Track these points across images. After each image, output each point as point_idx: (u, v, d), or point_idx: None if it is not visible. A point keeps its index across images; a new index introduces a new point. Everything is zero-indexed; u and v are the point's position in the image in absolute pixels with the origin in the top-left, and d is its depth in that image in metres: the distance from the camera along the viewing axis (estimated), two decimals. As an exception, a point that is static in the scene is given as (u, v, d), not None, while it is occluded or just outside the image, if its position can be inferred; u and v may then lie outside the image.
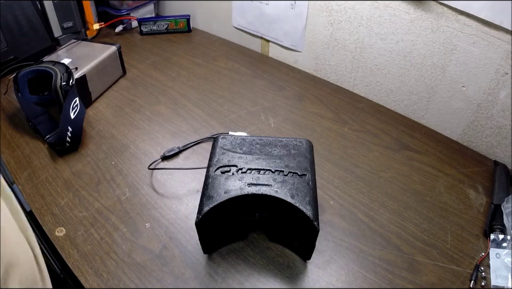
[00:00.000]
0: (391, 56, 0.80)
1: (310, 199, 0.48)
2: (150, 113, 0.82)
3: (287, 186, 0.49)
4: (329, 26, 0.87)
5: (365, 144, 0.75)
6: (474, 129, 0.75)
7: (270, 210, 0.51)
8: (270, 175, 0.50)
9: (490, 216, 0.61)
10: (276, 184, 0.49)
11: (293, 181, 0.49)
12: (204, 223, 0.48)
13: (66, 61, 0.82)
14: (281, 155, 0.53)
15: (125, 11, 1.13)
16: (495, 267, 0.54)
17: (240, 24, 1.06)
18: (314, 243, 0.51)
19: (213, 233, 0.53)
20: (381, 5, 0.76)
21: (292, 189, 0.48)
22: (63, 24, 1.01)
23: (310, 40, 0.93)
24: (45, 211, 0.61)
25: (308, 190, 0.49)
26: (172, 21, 1.15)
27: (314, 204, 0.48)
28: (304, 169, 0.51)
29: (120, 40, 1.12)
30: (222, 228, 0.53)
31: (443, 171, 0.70)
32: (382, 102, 0.88)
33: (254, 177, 0.50)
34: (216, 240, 0.55)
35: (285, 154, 0.53)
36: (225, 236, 0.56)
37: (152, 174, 0.68)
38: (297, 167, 0.51)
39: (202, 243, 0.53)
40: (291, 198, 0.47)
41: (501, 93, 0.68)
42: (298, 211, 0.47)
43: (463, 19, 0.66)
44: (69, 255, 0.55)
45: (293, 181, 0.49)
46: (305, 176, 0.50)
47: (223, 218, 0.51)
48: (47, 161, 0.70)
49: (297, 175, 0.50)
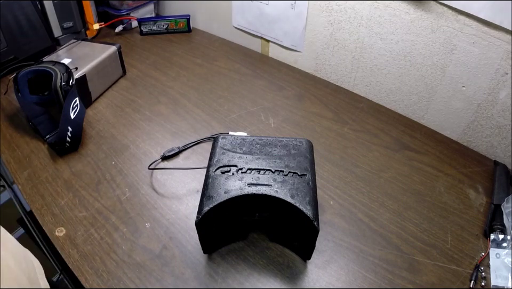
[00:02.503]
0: (391, 56, 0.80)
1: (310, 199, 0.48)
2: (150, 113, 0.82)
3: (287, 186, 0.49)
4: (329, 26, 0.87)
5: (365, 144, 0.75)
6: (474, 129, 0.75)
7: (270, 210, 0.51)
8: (270, 175, 0.50)
9: (490, 216, 0.61)
10: (276, 184, 0.49)
11: (293, 181, 0.49)
12: (204, 223, 0.48)
13: (66, 61, 0.83)
14: (281, 155, 0.53)
15: (125, 11, 1.13)
16: (495, 267, 0.54)
17: (240, 24, 1.06)
18: (314, 243, 0.51)
19: (213, 233, 0.53)
20: (381, 5, 0.76)
21: (292, 189, 0.48)
22: (63, 24, 1.01)
23: (310, 40, 0.93)
24: (45, 211, 0.61)
25: (308, 190, 0.49)
26: (172, 21, 1.15)
27: (314, 204, 0.48)
28: (304, 169, 0.51)
29: (120, 40, 1.12)
30: (222, 228, 0.53)
31: (443, 171, 0.70)
32: (382, 102, 0.88)
33: (254, 177, 0.50)
34: (216, 240, 0.55)
35: (285, 154, 0.53)
36: (225, 236, 0.56)
37: (152, 174, 0.68)
38: (297, 167, 0.51)
39: (202, 243, 0.53)
40: (291, 198, 0.47)
41: (501, 93, 0.68)
42: (298, 211, 0.47)
43: (463, 19, 0.66)
44: (69, 255, 0.55)
45: (293, 181, 0.49)
46: (305, 176, 0.50)
47: (223, 218, 0.51)
48: (47, 161, 0.70)
49: (297, 175, 0.50)
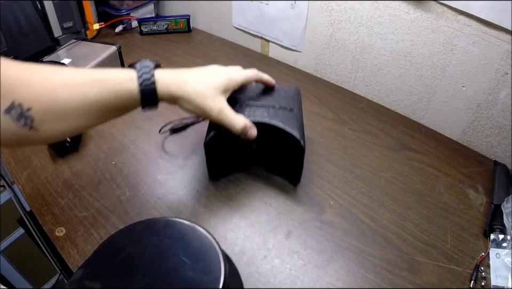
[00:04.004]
0: (391, 56, 0.80)
1: (297, 125, 0.58)
2: (150, 113, 0.82)
3: (278, 117, 0.58)
4: (329, 26, 0.87)
5: (365, 144, 0.75)
6: (474, 129, 0.75)
7: (264, 138, 0.59)
8: (265, 109, 0.59)
9: (490, 216, 0.61)
10: (269, 115, 0.58)
11: (283, 114, 0.59)
12: (211, 146, 0.59)
13: (66, 61, 0.83)
14: (274, 97, 0.63)
15: (125, 11, 1.13)
16: (495, 267, 0.54)
17: (240, 24, 1.06)
18: (302, 163, 0.61)
19: (218, 160, 0.63)
20: (381, 5, 0.76)
21: (282, 119, 0.58)
22: (63, 24, 1.00)
23: (310, 40, 0.93)
24: (45, 211, 0.61)
25: (295, 120, 0.59)
26: (172, 21, 1.15)
27: (301, 129, 0.58)
28: (293, 105, 0.61)
29: (120, 40, 1.12)
30: (225, 157, 0.64)
31: (443, 171, 0.70)
32: (382, 102, 0.88)
33: (251, 110, 0.59)
34: (220, 168, 0.65)
35: (277, 96, 0.63)
36: (228, 165, 0.66)
37: (152, 174, 0.68)
38: (287, 104, 0.61)
39: (209, 167, 0.64)
40: (282, 124, 0.57)
41: (501, 93, 0.68)
42: (288, 134, 0.56)
43: (463, 19, 0.66)
44: (69, 255, 0.55)
45: (283, 114, 0.59)
46: (293, 110, 0.60)
47: (226, 146, 0.61)
48: (47, 161, 0.70)
49: (287, 110, 0.60)
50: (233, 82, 0.55)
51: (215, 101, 0.51)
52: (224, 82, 0.53)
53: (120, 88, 0.46)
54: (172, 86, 0.49)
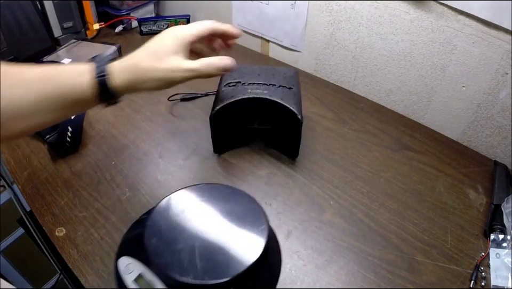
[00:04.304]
0: (391, 56, 0.80)
1: (295, 101, 0.62)
2: (150, 113, 0.82)
3: (278, 94, 0.62)
4: (329, 26, 0.87)
5: (365, 144, 0.75)
6: (474, 129, 0.75)
7: (264, 113, 0.65)
8: (265, 87, 0.64)
9: (490, 216, 0.61)
10: (270, 92, 0.63)
11: (282, 91, 0.63)
12: (216, 119, 0.63)
13: (66, 61, 0.83)
14: (274, 76, 0.67)
15: (125, 11, 1.13)
16: (495, 267, 0.54)
17: (240, 24, 1.05)
18: (299, 137, 0.65)
19: (222, 134, 0.67)
20: (381, 5, 0.76)
21: (282, 95, 0.62)
22: (63, 24, 1.01)
23: (310, 40, 0.93)
24: (45, 211, 0.61)
25: (294, 96, 0.63)
26: (172, 21, 1.15)
27: (299, 105, 0.63)
28: (292, 85, 0.66)
29: (120, 40, 1.12)
30: (229, 132, 0.69)
31: (443, 171, 0.70)
32: (382, 102, 0.88)
33: (253, 88, 0.63)
34: (224, 142, 0.70)
35: (277, 76, 0.67)
36: (232, 141, 0.71)
37: (152, 174, 0.68)
38: (286, 83, 0.66)
39: (214, 141, 0.68)
40: (281, 100, 0.61)
41: (501, 93, 0.68)
42: (286, 109, 0.61)
43: (463, 19, 0.66)
44: (69, 255, 0.55)
45: (282, 91, 0.63)
46: (292, 89, 0.65)
47: (230, 121, 0.66)
48: (47, 161, 0.70)
49: (286, 88, 0.64)
50: (182, 39, 0.50)
51: (168, 63, 0.48)
52: (173, 43, 0.50)
53: (74, 82, 0.45)
54: (126, 73, 0.47)
